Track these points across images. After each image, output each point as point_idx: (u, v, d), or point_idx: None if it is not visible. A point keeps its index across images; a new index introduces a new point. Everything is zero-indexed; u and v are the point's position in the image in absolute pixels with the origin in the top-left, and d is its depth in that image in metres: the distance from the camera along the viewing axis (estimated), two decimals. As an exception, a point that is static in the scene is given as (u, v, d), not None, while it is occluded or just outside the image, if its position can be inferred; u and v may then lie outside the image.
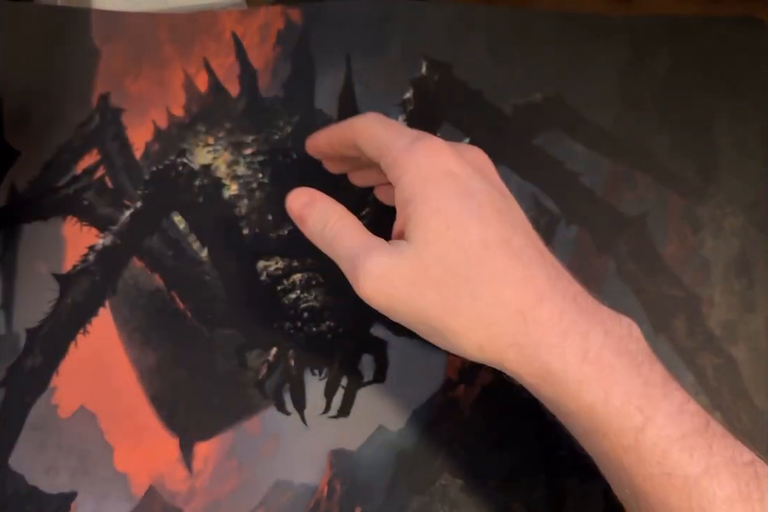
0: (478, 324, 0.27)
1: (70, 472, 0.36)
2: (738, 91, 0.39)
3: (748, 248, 0.38)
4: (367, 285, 0.28)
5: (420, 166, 0.28)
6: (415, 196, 0.27)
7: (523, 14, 0.41)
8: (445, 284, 0.27)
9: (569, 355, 0.26)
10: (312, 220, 0.31)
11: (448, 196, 0.27)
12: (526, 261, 0.27)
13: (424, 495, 0.35)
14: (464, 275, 0.26)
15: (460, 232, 0.27)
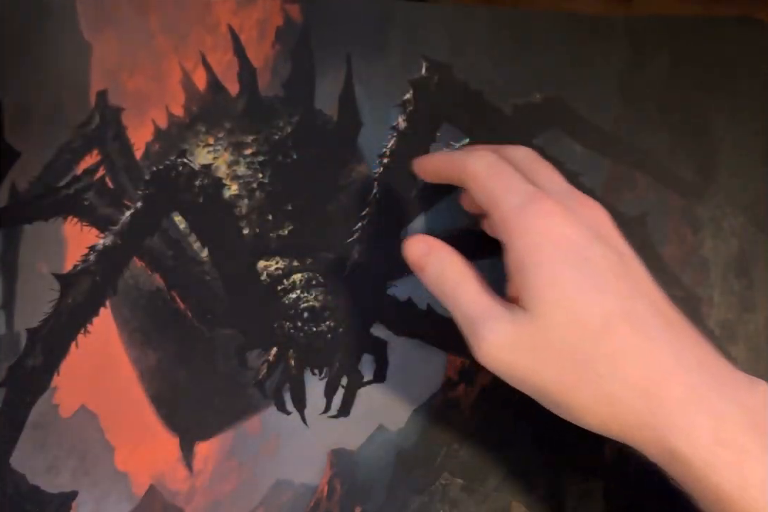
0: (601, 403, 0.26)
1: (70, 472, 0.36)
2: (737, 91, 0.39)
3: (748, 248, 0.38)
4: (488, 353, 0.27)
5: (531, 231, 0.27)
6: (527, 263, 0.27)
7: (523, 14, 0.41)
8: (566, 359, 0.26)
9: (699, 437, 0.24)
10: (430, 270, 0.30)
11: (563, 264, 0.26)
12: (649, 333, 0.26)
13: (424, 494, 0.35)
14: (584, 351, 0.25)
15: (578, 305, 0.26)
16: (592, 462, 0.35)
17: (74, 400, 0.36)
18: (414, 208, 0.38)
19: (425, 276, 0.30)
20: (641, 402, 0.25)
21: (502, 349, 0.27)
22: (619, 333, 0.25)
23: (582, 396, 0.26)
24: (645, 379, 0.25)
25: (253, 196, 0.39)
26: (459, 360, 0.36)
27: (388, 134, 0.39)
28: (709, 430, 0.24)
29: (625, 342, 0.25)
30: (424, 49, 0.40)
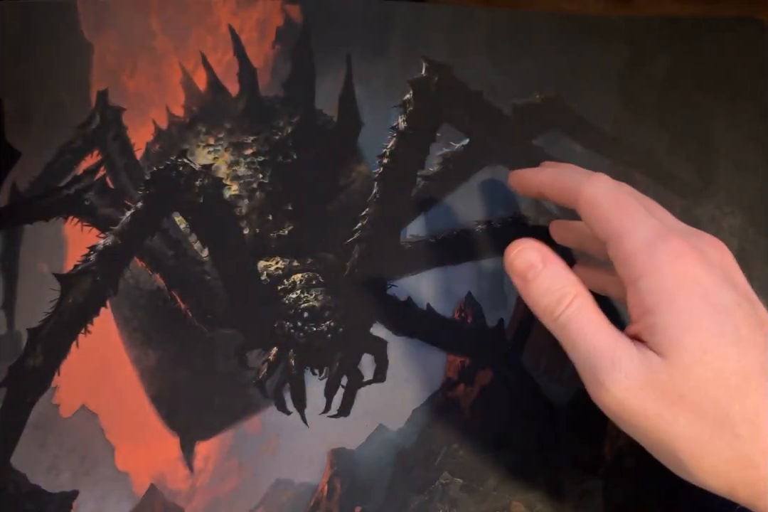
0: (734, 466, 0.24)
1: (71, 471, 0.36)
2: (737, 92, 0.39)
3: (748, 248, 0.38)
4: (615, 396, 0.25)
5: (664, 272, 0.25)
6: (660, 305, 0.25)
7: (523, 15, 0.41)
8: (703, 415, 0.24)
9: None
10: (541, 288, 0.27)
11: (701, 313, 0.24)
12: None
13: (424, 494, 0.35)
14: (725, 409, 0.24)
15: (719, 359, 0.24)
16: (592, 462, 0.35)
17: (74, 400, 0.36)
18: (414, 208, 0.38)
19: (531, 292, 0.27)
20: None
21: (633, 393, 0.25)
22: (759, 392, 0.24)
23: (713, 458, 0.24)
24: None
25: (253, 196, 0.39)
26: (459, 360, 0.36)
27: (388, 134, 0.39)
28: None
29: (765, 401, 0.24)
30: (424, 49, 0.40)
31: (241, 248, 0.38)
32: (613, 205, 0.27)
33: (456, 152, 0.39)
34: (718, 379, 0.24)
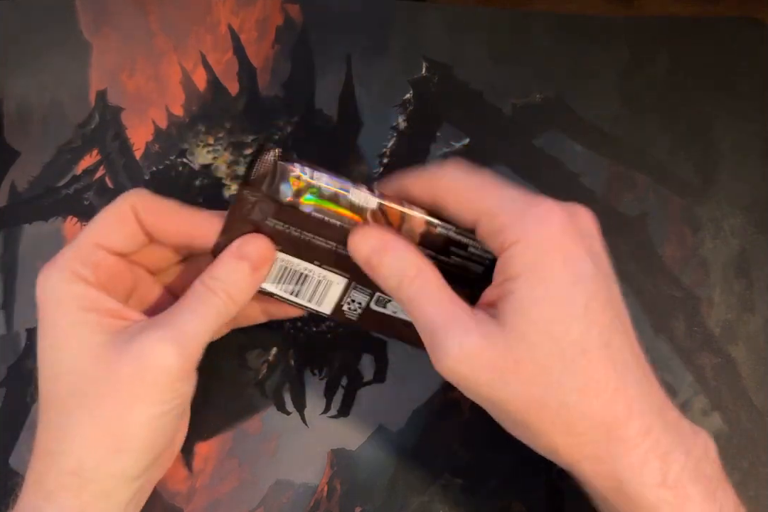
0: (559, 430, 0.25)
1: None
2: (737, 92, 0.39)
3: (748, 248, 0.38)
4: (446, 364, 0.26)
5: (531, 239, 0.25)
6: (522, 275, 0.25)
7: (523, 15, 0.41)
8: (534, 382, 0.25)
9: (647, 478, 0.25)
10: (385, 270, 0.28)
11: (558, 284, 0.25)
12: (621, 369, 0.25)
13: (424, 495, 0.35)
14: (556, 378, 0.25)
15: (561, 330, 0.25)
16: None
17: (74, 400, 0.36)
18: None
19: (379, 276, 0.28)
20: (599, 436, 0.25)
21: (466, 363, 0.25)
22: (594, 366, 0.25)
23: (542, 421, 0.25)
24: (609, 416, 0.25)
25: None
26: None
27: (388, 134, 0.39)
28: (659, 472, 0.25)
29: (597, 375, 0.25)
30: (424, 49, 0.40)
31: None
32: (475, 186, 0.28)
33: (456, 152, 0.39)
34: (554, 349, 0.25)
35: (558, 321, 0.25)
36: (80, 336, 0.28)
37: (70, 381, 0.27)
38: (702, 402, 0.36)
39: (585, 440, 0.25)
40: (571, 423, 0.25)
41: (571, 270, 0.25)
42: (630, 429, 0.25)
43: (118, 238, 0.30)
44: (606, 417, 0.25)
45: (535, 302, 0.25)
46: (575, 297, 0.25)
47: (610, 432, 0.25)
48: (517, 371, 0.25)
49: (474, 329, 0.26)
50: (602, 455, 0.25)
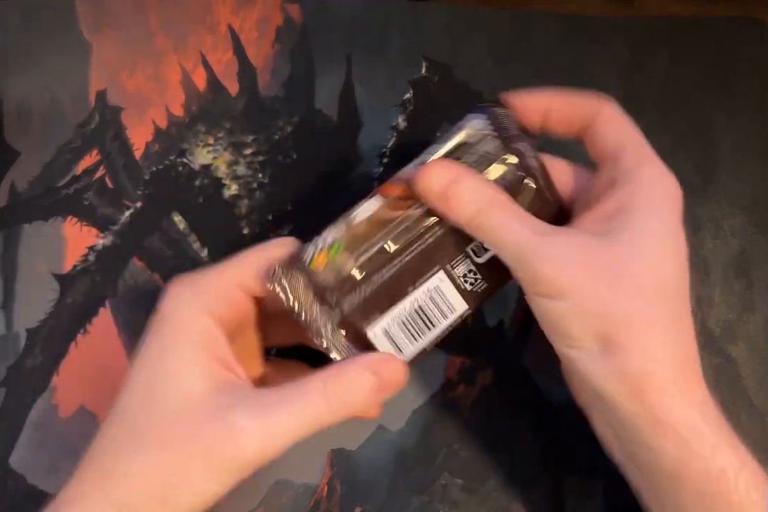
0: (667, 349, 0.25)
1: (70, 472, 0.36)
2: (737, 91, 0.39)
3: (748, 248, 0.38)
4: (545, 271, 0.25)
5: (657, 190, 0.27)
6: (648, 205, 0.26)
7: (523, 15, 0.41)
8: (631, 299, 0.25)
9: (709, 418, 0.25)
10: (462, 200, 0.27)
11: (674, 227, 0.27)
12: (687, 324, 0.26)
13: (424, 495, 0.35)
14: (670, 293, 0.26)
15: (677, 249, 0.26)
16: (592, 462, 0.35)
17: (73, 400, 0.36)
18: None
19: (456, 207, 0.27)
20: (675, 369, 0.25)
21: (568, 270, 0.25)
22: (684, 309, 0.26)
23: (647, 336, 0.25)
24: (685, 351, 0.26)
25: (253, 196, 0.38)
26: (459, 360, 0.36)
27: (388, 134, 0.39)
28: (715, 416, 0.25)
29: (685, 315, 0.26)
30: (424, 49, 0.40)
31: (241, 248, 0.38)
32: (631, 122, 0.29)
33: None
34: (676, 265, 0.26)
35: (668, 257, 0.26)
36: (187, 375, 0.26)
37: (156, 413, 0.26)
38: (702, 402, 0.36)
39: (693, 363, 0.26)
40: (683, 342, 0.26)
41: (677, 235, 0.27)
42: (695, 376, 0.26)
43: (258, 280, 0.28)
44: (682, 352, 0.25)
45: (653, 217, 0.26)
46: (681, 252, 0.26)
47: (684, 366, 0.25)
48: (632, 281, 0.25)
49: (575, 239, 0.26)
50: (669, 388, 0.25)
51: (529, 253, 0.26)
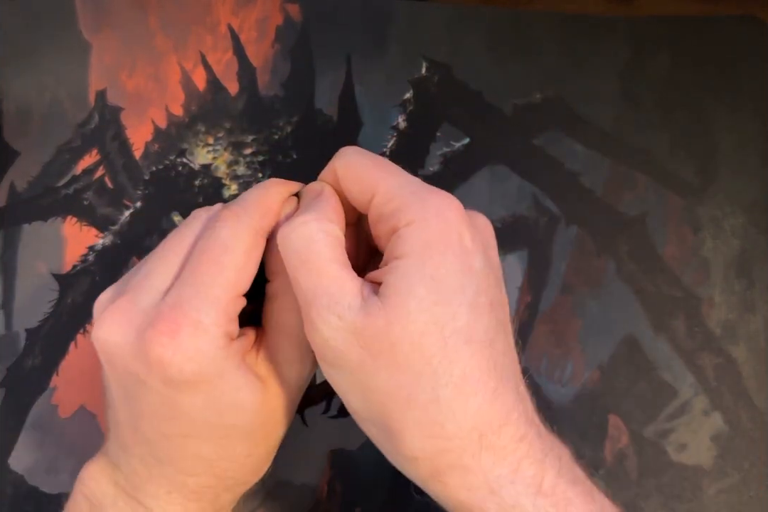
0: (425, 432, 0.23)
1: (70, 472, 0.36)
2: (738, 91, 0.39)
3: (748, 248, 0.38)
4: (322, 334, 0.24)
5: (431, 222, 0.24)
6: (412, 252, 0.24)
7: (523, 14, 0.41)
8: (407, 367, 0.23)
9: (522, 487, 0.23)
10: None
11: (450, 268, 0.24)
12: (500, 372, 0.24)
13: (424, 494, 0.35)
14: (433, 366, 0.23)
15: (447, 315, 0.23)
16: (592, 462, 0.35)
17: (73, 400, 0.36)
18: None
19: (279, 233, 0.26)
20: (470, 443, 0.23)
21: (341, 335, 0.23)
22: (475, 361, 0.23)
23: (406, 419, 0.23)
24: (484, 420, 0.23)
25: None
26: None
27: (388, 134, 0.39)
28: (533, 480, 0.23)
29: (479, 373, 0.23)
30: (424, 49, 0.40)
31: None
32: (373, 164, 0.27)
33: (456, 152, 0.39)
34: (436, 335, 0.23)
35: (445, 303, 0.23)
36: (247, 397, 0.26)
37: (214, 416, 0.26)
38: (703, 402, 0.36)
39: (452, 446, 0.23)
40: (440, 423, 0.23)
41: (464, 261, 0.24)
42: (504, 437, 0.23)
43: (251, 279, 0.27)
44: (480, 422, 0.23)
45: (424, 280, 0.23)
46: (465, 287, 0.23)
47: (482, 439, 0.23)
48: (392, 353, 0.23)
49: (361, 304, 0.24)
50: (469, 465, 0.23)
51: (317, 309, 0.24)
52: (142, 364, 0.24)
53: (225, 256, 0.25)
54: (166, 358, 0.24)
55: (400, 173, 0.27)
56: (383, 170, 0.26)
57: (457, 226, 0.24)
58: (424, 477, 0.24)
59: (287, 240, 0.25)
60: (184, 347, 0.24)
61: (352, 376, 0.24)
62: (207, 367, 0.24)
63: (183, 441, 0.26)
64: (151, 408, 0.25)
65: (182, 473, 0.26)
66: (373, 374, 0.23)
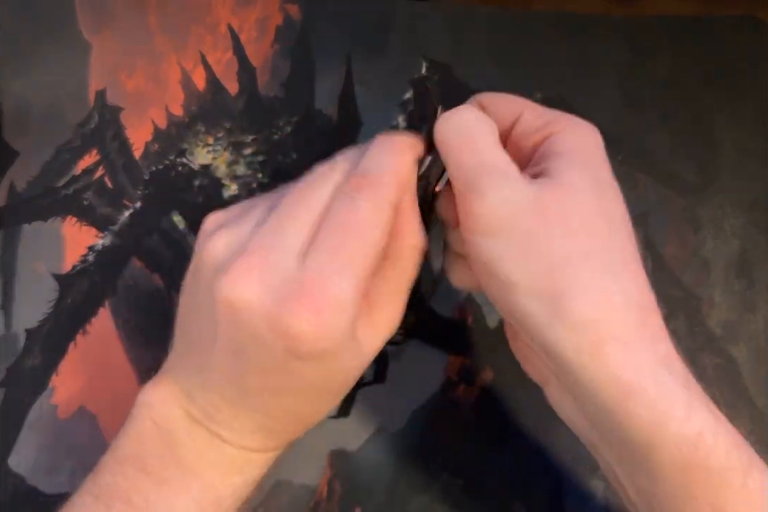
0: (595, 296, 0.23)
1: (69, 472, 0.36)
2: (738, 91, 0.39)
3: (749, 248, 0.38)
4: (489, 204, 0.24)
5: (583, 129, 0.27)
6: (574, 148, 0.26)
7: (523, 14, 0.41)
8: (585, 236, 0.24)
9: (676, 376, 0.23)
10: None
11: (603, 168, 0.26)
12: (634, 263, 0.25)
13: (424, 495, 0.35)
14: (603, 242, 0.24)
15: (609, 206, 0.25)
16: (592, 462, 0.35)
17: (73, 401, 0.36)
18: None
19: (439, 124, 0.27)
20: (634, 318, 0.24)
21: (512, 204, 0.24)
22: (633, 253, 0.25)
23: (579, 280, 0.23)
24: (644, 299, 0.24)
25: (252, 196, 0.38)
26: (459, 360, 0.36)
27: (388, 134, 0.39)
28: (682, 374, 0.24)
29: (636, 264, 0.25)
30: (424, 49, 0.40)
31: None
32: (513, 96, 0.29)
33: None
34: (603, 218, 0.24)
35: (607, 199, 0.25)
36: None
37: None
38: (703, 402, 0.36)
39: (619, 317, 0.23)
40: (611, 292, 0.23)
41: (609, 168, 0.26)
42: (657, 320, 0.24)
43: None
44: (641, 299, 0.24)
45: (588, 172, 0.25)
46: (617, 190, 0.26)
47: (643, 313, 0.24)
48: (567, 221, 0.24)
49: (530, 180, 0.25)
50: (634, 339, 0.23)
51: (486, 177, 0.25)
52: (274, 332, 0.24)
53: (367, 233, 0.25)
54: (305, 333, 0.24)
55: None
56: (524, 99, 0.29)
57: (600, 144, 0.26)
58: (582, 348, 0.23)
59: (448, 122, 0.26)
60: (325, 325, 0.24)
61: (518, 243, 0.24)
62: (340, 344, 0.25)
63: (282, 397, 0.27)
64: (261, 366, 0.25)
65: (271, 420, 0.27)
66: (545, 239, 0.24)
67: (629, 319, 0.23)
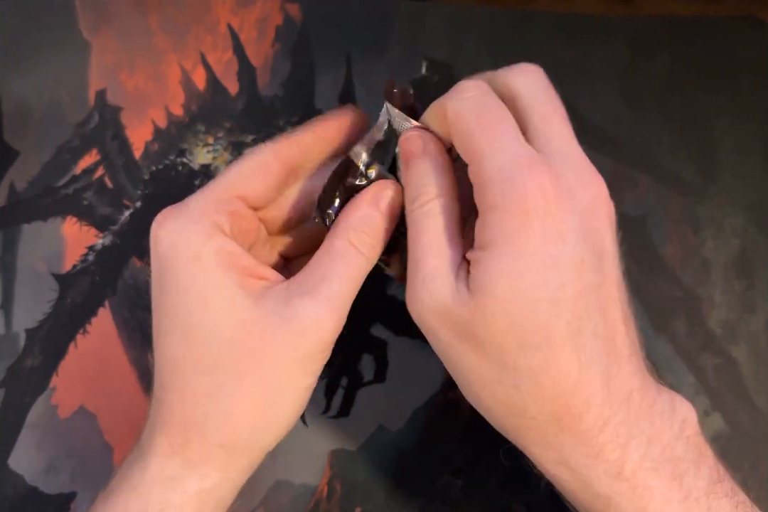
0: (509, 411, 0.24)
1: (69, 472, 0.36)
2: (738, 91, 0.39)
3: (749, 248, 0.38)
4: (416, 308, 0.25)
5: (511, 211, 0.23)
6: (493, 245, 0.23)
7: (523, 14, 0.41)
8: (489, 359, 0.24)
9: (601, 471, 0.23)
10: (410, 178, 0.27)
11: (529, 263, 0.23)
12: (586, 360, 0.23)
13: (424, 495, 0.35)
14: (512, 360, 0.23)
15: (524, 313, 0.23)
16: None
17: (73, 401, 0.36)
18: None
19: (405, 177, 0.27)
20: (550, 426, 0.24)
21: (432, 315, 0.25)
22: (555, 354, 0.23)
23: (493, 399, 0.24)
24: (563, 407, 0.23)
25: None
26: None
27: (388, 134, 0.39)
28: (613, 465, 0.23)
29: (558, 365, 0.23)
30: (424, 48, 0.40)
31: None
32: (477, 123, 0.25)
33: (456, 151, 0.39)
34: (515, 332, 0.23)
35: (521, 302, 0.23)
36: (223, 299, 0.26)
37: (217, 349, 0.26)
38: (703, 402, 0.36)
39: (534, 425, 0.24)
40: (521, 406, 0.24)
41: (548, 250, 0.23)
42: (585, 422, 0.23)
43: (259, 189, 0.28)
44: (557, 409, 0.23)
45: (503, 278, 0.23)
46: (547, 281, 0.23)
47: (561, 423, 0.23)
48: (475, 343, 0.24)
49: (452, 289, 0.24)
50: (552, 442, 0.24)
51: (416, 278, 0.25)
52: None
53: (234, 166, 0.28)
54: (154, 234, 0.28)
55: (504, 141, 0.24)
56: (487, 135, 0.24)
57: (542, 213, 0.23)
58: (516, 444, 0.25)
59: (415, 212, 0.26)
60: (168, 224, 0.27)
61: (442, 350, 0.26)
62: (183, 246, 0.27)
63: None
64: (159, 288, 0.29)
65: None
66: (460, 356, 0.25)
67: (545, 426, 0.24)
